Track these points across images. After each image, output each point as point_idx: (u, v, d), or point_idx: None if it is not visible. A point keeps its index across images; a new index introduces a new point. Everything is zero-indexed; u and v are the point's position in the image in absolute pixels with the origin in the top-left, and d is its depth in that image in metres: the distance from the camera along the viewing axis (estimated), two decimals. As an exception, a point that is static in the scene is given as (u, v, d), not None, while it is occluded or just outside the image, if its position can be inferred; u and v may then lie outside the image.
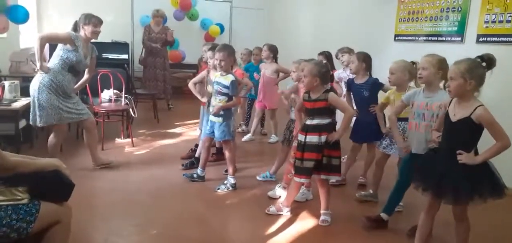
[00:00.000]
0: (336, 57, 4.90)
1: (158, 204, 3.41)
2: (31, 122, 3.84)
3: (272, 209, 3.32)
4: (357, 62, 3.85)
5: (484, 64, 2.31)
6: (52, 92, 3.71)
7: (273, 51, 5.44)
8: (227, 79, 3.61)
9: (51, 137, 3.89)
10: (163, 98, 7.54)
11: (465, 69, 2.28)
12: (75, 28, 3.88)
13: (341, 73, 4.71)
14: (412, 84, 3.31)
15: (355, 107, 3.84)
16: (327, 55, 4.87)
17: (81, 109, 3.95)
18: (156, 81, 7.29)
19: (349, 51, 4.63)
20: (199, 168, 3.92)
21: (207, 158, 3.94)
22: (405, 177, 2.98)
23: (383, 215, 3.13)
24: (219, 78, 3.65)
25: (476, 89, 2.32)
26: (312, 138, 3.03)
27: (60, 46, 3.80)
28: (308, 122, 3.08)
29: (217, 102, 3.66)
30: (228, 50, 3.64)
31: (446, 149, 2.42)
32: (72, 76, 3.86)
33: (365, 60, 3.85)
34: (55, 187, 2.03)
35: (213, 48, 3.97)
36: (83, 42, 3.86)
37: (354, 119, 4.29)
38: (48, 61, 4.09)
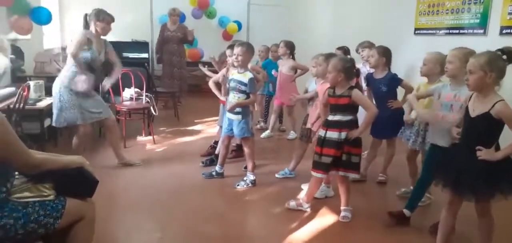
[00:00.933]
0: (357, 51, 4.86)
1: (179, 201, 3.46)
2: (54, 124, 3.89)
3: (292, 203, 3.33)
4: (377, 56, 3.81)
5: (504, 57, 2.26)
6: (73, 92, 3.78)
7: (290, 47, 5.43)
8: (246, 76, 3.62)
9: (75, 138, 3.93)
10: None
11: (485, 61, 2.23)
12: (86, 22, 3.90)
13: (361, 68, 4.65)
14: (443, 78, 3.23)
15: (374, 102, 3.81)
16: (345, 50, 4.83)
17: (102, 108, 4.02)
18: (172, 79, 7.37)
19: (370, 45, 4.58)
20: (217, 165, 3.95)
21: (225, 156, 3.97)
22: (428, 172, 2.96)
23: (406, 211, 3.10)
24: (237, 76, 3.68)
25: (497, 82, 2.27)
26: (332, 134, 3.02)
27: None
28: (330, 117, 3.08)
29: (235, 99, 3.68)
30: (246, 46, 3.67)
31: (465, 145, 2.38)
32: (91, 75, 3.90)
33: (385, 54, 3.82)
34: (80, 183, 2.08)
35: (231, 46, 4.00)
36: (96, 38, 3.90)
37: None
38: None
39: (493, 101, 2.24)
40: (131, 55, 7.76)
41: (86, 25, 3.91)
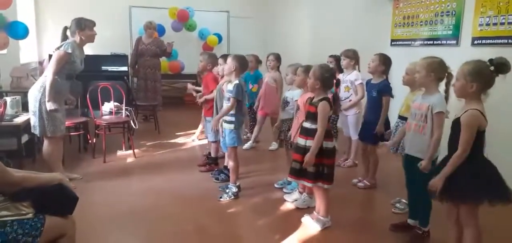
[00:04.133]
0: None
1: (161, 215, 3.43)
2: (38, 134, 3.83)
3: (306, 218, 3.31)
4: (377, 62, 3.92)
5: (492, 68, 2.28)
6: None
7: (280, 60, 5.51)
8: (232, 84, 3.67)
9: (46, 146, 3.86)
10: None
11: (468, 71, 2.28)
12: (65, 35, 3.87)
13: (342, 77, 4.70)
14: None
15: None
16: (337, 59, 4.90)
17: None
18: (146, 91, 7.33)
19: (351, 55, 4.62)
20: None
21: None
22: (409, 177, 3.07)
23: (410, 221, 3.14)
24: (226, 86, 3.72)
25: (482, 92, 2.30)
26: (300, 140, 3.11)
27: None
28: (303, 123, 3.15)
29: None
30: (232, 56, 3.74)
31: (448, 153, 2.43)
32: (68, 82, 3.89)
33: (385, 62, 3.93)
34: (59, 201, 2.06)
35: (224, 56, 4.08)
36: (79, 48, 3.88)
37: (353, 117, 4.39)
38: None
39: (468, 108, 2.28)
40: (110, 69, 7.68)
41: (65, 38, 3.87)
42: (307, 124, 3.11)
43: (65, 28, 3.91)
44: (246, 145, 5.62)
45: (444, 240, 2.82)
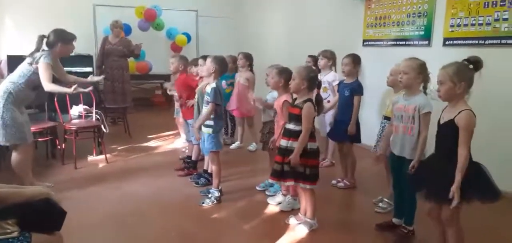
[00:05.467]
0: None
1: (142, 222, 3.30)
2: (4, 143, 3.60)
3: (292, 220, 3.30)
4: (352, 64, 3.95)
5: (471, 66, 2.35)
6: (16, 109, 3.56)
7: (249, 59, 5.44)
8: (210, 87, 3.59)
9: (15, 155, 3.65)
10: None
11: (453, 72, 2.32)
12: (40, 44, 3.68)
13: (321, 77, 4.74)
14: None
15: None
16: (316, 59, 4.91)
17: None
18: (114, 93, 7.09)
19: (329, 56, 4.68)
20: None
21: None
22: (396, 178, 3.08)
23: (395, 220, 3.19)
24: (206, 88, 3.63)
25: (466, 91, 2.36)
26: (282, 142, 3.10)
27: (27, 64, 3.62)
28: (286, 125, 3.12)
29: (204, 111, 3.64)
30: (212, 58, 3.65)
31: (436, 152, 2.48)
32: (34, 92, 3.73)
33: (355, 61, 3.98)
34: (46, 217, 1.92)
35: (204, 57, 4.00)
36: (55, 59, 3.73)
37: (330, 117, 4.41)
38: (6, 75, 3.91)
39: (459, 109, 2.32)
40: (74, 69, 7.30)
41: (40, 47, 3.68)
42: (290, 126, 3.08)
43: (42, 37, 3.70)
44: (233, 146, 5.64)
45: (427, 238, 2.91)
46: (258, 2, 8.98)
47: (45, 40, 3.70)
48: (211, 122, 3.62)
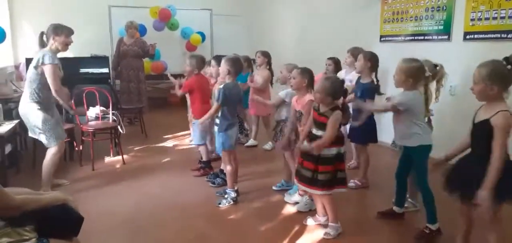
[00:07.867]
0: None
1: (159, 225, 3.30)
2: (48, 145, 3.73)
3: (309, 221, 3.29)
4: (363, 61, 3.82)
5: (509, 67, 2.24)
6: (43, 111, 3.64)
7: (268, 57, 5.40)
8: (218, 88, 3.60)
9: (51, 154, 3.73)
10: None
11: (486, 73, 2.25)
12: (42, 40, 3.70)
13: (343, 75, 4.62)
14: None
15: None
16: (336, 61, 4.85)
17: None
18: (130, 94, 7.13)
19: (354, 52, 4.52)
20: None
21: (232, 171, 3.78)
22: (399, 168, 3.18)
23: (396, 209, 3.27)
24: (214, 88, 3.64)
25: (503, 91, 2.26)
26: (307, 146, 2.99)
27: (32, 68, 3.63)
28: (314, 131, 3.03)
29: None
30: (224, 60, 3.62)
31: (471, 152, 2.42)
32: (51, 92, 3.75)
33: (371, 59, 3.82)
34: (64, 222, 1.93)
35: (218, 58, 4.01)
36: (55, 55, 3.71)
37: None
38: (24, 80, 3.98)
39: (496, 110, 2.24)
40: (90, 71, 7.42)
41: (42, 43, 3.70)
42: (320, 133, 2.95)
43: (42, 34, 3.72)
44: (248, 143, 5.66)
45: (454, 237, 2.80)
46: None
47: (44, 36, 3.72)
48: (217, 121, 3.63)
